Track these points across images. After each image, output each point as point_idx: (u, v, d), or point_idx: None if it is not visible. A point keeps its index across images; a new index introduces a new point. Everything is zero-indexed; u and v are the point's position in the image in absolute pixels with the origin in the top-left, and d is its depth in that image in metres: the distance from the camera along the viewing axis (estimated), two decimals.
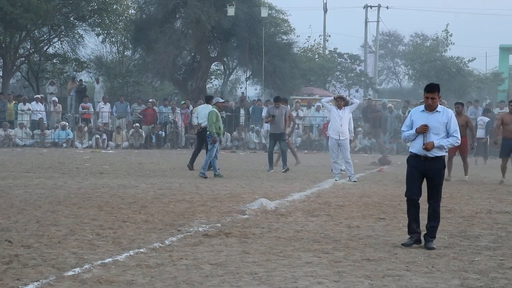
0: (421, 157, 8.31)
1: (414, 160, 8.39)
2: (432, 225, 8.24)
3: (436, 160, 8.31)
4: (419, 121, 8.33)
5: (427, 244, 8.10)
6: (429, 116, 8.32)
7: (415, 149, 8.34)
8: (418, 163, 8.32)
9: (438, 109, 8.33)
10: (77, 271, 6.56)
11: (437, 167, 8.30)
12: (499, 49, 44.78)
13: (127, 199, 11.93)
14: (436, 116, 8.31)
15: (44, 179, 15.18)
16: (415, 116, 8.45)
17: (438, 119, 8.29)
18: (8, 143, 28.99)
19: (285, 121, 18.96)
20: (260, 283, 6.33)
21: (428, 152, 8.24)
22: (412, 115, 8.51)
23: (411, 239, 8.22)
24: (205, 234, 8.63)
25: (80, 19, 36.37)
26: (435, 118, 8.29)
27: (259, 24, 35.64)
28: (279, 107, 18.99)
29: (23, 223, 9.24)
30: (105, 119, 31.50)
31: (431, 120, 8.29)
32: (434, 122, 8.28)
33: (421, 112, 8.42)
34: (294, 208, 11.32)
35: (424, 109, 8.38)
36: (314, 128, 31.91)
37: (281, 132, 18.93)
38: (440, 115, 8.31)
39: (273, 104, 19.62)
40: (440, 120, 8.28)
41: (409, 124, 8.47)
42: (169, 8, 34.88)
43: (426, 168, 8.29)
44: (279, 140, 19.06)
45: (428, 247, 8.03)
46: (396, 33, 63.14)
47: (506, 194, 14.24)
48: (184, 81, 38.47)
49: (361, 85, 43.76)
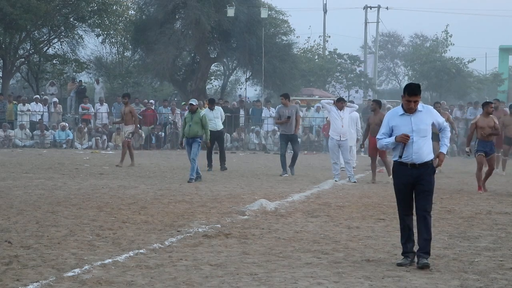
0: (407, 165, 7.37)
1: (400, 170, 7.43)
2: (425, 239, 7.28)
3: (425, 165, 7.37)
4: (402, 127, 7.35)
5: (420, 261, 7.18)
6: (413, 119, 7.37)
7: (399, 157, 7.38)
8: (406, 173, 7.36)
9: (419, 108, 7.41)
10: (77, 272, 6.57)
11: (426, 172, 7.36)
12: (499, 50, 44.79)
13: (126, 200, 11.93)
14: (419, 116, 7.38)
15: (44, 180, 15.18)
16: (394, 121, 7.43)
17: (422, 120, 7.38)
18: (8, 143, 28.99)
19: (296, 121, 17.94)
20: (260, 284, 6.33)
21: (417, 158, 7.32)
22: (390, 120, 7.46)
23: (407, 259, 7.34)
24: (205, 235, 8.64)
25: (80, 20, 36.34)
26: (419, 120, 7.37)
27: (258, 25, 35.64)
28: (289, 106, 17.96)
29: (22, 223, 9.24)
30: (103, 120, 31.48)
31: (416, 122, 7.36)
32: (420, 124, 7.36)
33: (400, 116, 7.41)
34: (294, 209, 11.32)
35: (403, 112, 7.39)
36: (313, 128, 31.90)
37: (293, 133, 17.92)
38: (423, 115, 7.40)
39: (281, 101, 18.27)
40: (425, 121, 7.39)
41: (387, 131, 7.46)
42: (169, 9, 34.86)
43: (414, 177, 7.35)
44: (291, 141, 18.19)
45: (420, 264, 7.13)
46: (396, 34, 63.15)
47: (506, 195, 14.24)
48: (184, 82, 38.47)
49: (361, 86, 43.75)
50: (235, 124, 31.88)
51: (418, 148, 7.34)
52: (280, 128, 19.04)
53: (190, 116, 15.99)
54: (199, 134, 15.93)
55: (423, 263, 7.13)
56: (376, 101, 17.73)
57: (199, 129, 15.91)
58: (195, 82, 36.92)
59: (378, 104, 16.98)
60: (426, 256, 7.20)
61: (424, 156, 7.36)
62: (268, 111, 32.19)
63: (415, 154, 7.34)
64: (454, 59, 43.20)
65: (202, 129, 15.95)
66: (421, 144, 7.35)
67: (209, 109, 19.09)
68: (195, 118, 15.91)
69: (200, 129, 15.92)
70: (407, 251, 7.40)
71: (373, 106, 16.99)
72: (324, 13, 50.71)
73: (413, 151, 7.35)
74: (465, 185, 16.09)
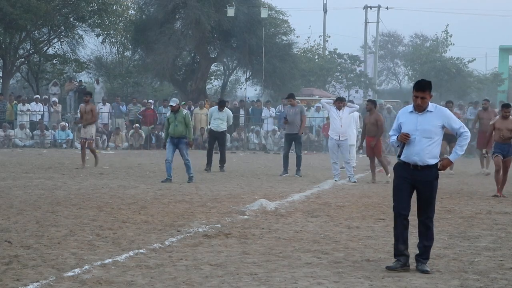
0: (409, 165, 7.09)
1: (401, 169, 7.17)
2: (424, 245, 7.07)
3: (428, 169, 7.04)
4: (407, 124, 7.14)
5: (420, 267, 6.97)
6: (419, 118, 7.09)
7: (403, 156, 7.14)
8: (407, 173, 7.10)
9: (430, 108, 7.09)
10: (77, 272, 6.57)
11: (429, 177, 7.05)
12: (499, 49, 44.77)
13: (126, 200, 11.93)
14: (427, 117, 7.08)
15: (44, 180, 15.17)
16: (402, 118, 7.24)
17: (430, 120, 7.06)
18: (8, 143, 28.98)
19: (301, 121, 17.78)
20: (260, 283, 6.33)
21: (419, 160, 7.03)
22: (400, 117, 7.29)
23: (398, 262, 7.03)
24: (205, 235, 8.63)
25: (80, 20, 36.35)
26: (426, 120, 7.07)
27: (259, 25, 35.65)
28: (294, 106, 17.94)
29: (22, 223, 9.24)
30: (104, 120, 31.48)
31: (421, 122, 7.07)
32: (425, 124, 7.06)
33: (409, 113, 7.18)
34: (294, 208, 11.31)
35: (412, 109, 7.17)
36: (313, 128, 31.89)
37: (296, 133, 17.76)
38: (433, 116, 7.08)
39: (287, 102, 18.31)
40: (432, 122, 7.06)
41: (397, 127, 7.28)
42: (169, 8, 34.87)
43: (415, 179, 7.07)
44: (294, 141, 18.00)
45: (421, 270, 6.93)
46: (396, 34, 63.17)
47: (506, 194, 14.22)
48: (184, 81, 38.48)
49: (361, 85, 43.76)
50: (235, 124, 31.86)
51: (420, 149, 7.04)
52: (285, 127, 18.83)
53: (174, 116, 15.69)
54: (184, 133, 15.71)
55: (423, 269, 6.93)
56: (371, 100, 17.66)
57: (184, 129, 15.71)
58: (195, 82, 36.93)
59: (373, 104, 16.98)
60: (425, 261, 7.00)
61: (426, 158, 7.03)
62: (268, 111, 32.19)
63: (416, 155, 7.06)
64: (454, 59, 43.21)
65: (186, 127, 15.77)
66: (424, 146, 7.03)
67: (218, 109, 19.12)
68: (179, 118, 15.64)
69: (185, 129, 15.72)
70: (398, 253, 7.10)
71: (368, 106, 16.91)
72: (324, 13, 50.77)
73: (414, 151, 7.07)
74: (465, 185, 16.09)
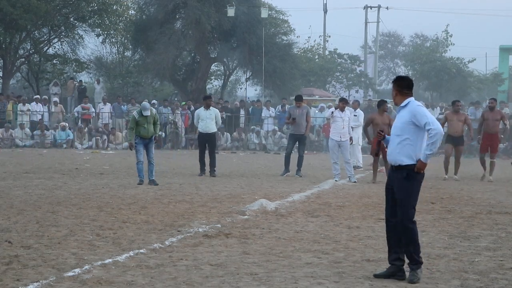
0: (392, 167, 6.83)
1: (390, 171, 6.92)
2: (407, 250, 6.60)
3: (399, 170, 6.67)
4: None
5: (409, 276, 6.55)
6: (398, 114, 6.87)
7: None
8: (390, 174, 6.85)
9: (404, 103, 6.79)
10: (77, 272, 6.57)
11: (398, 178, 6.67)
12: (499, 49, 44.76)
13: (127, 200, 11.93)
14: (400, 113, 6.82)
15: (44, 180, 15.18)
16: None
17: (401, 117, 6.79)
18: (9, 144, 28.99)
19: (306, 121, 17.65)
20: (260, 283, 6.33)
21: (392, 159, 6.74)
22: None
23: (390, 269, 6.67)
24: (205, 235, 8.63)
25: (80, 20, 36.38)
26: (398, 116, 6.83)
27: (259, 25, 35.64)
28: (300, 107, 17.64)
29: (23, 223, 9.24)
30: (105, 120, 31.50)
31: (396, 119, 6.87)
32: (397, 121, 6.83)
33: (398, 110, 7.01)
34: (294, 208, 11.31)
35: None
36: (314, 128, 31.90)
37: (302, 134, 17.68)
38: (404, 111, 6.77)
39: (294, 103, 18.15)
40: (402, 118, 6.77)
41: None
42: (169, 8, 34.88)
43: (391, 179, 6.79)
44: (299, 142, 17.96)
45: (408, 281, 6.49)
46: (396, 34, 63.19)
47: (506, 194, 14.24)
48: (184, 81, 38.49)
49: (361, 85, 43.77)
50: (235, 124, 31.90)
51: (391, 148, 6.79)
52: (290, 127, 18.68)
53: (146, 118, 15.01)
54: (154, 132, 15.21)
55: (410, 279, 6.48)
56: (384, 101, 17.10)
57: (155, 128, 15.20)
58: (195, 82, 36.95)
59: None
60: (414, 267, 6.53)
61: (397, 158, 6.68)
62: (268, 111, 32.20)
63: (389, 155, 6.80)
64: (454, 59, 43.21)
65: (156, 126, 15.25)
66: (394, 144, 6.75)
67: (204, 108, 17.65)
68: (149, 119, 15.01)
69: (156, 128, 15.23)
70: (391, 259, 6.75)
71: (384, 106, 16.42)
72: (324, 13, 50.75)
73: (389, 151, 6.82)
74: (465, 185, 16.09)
